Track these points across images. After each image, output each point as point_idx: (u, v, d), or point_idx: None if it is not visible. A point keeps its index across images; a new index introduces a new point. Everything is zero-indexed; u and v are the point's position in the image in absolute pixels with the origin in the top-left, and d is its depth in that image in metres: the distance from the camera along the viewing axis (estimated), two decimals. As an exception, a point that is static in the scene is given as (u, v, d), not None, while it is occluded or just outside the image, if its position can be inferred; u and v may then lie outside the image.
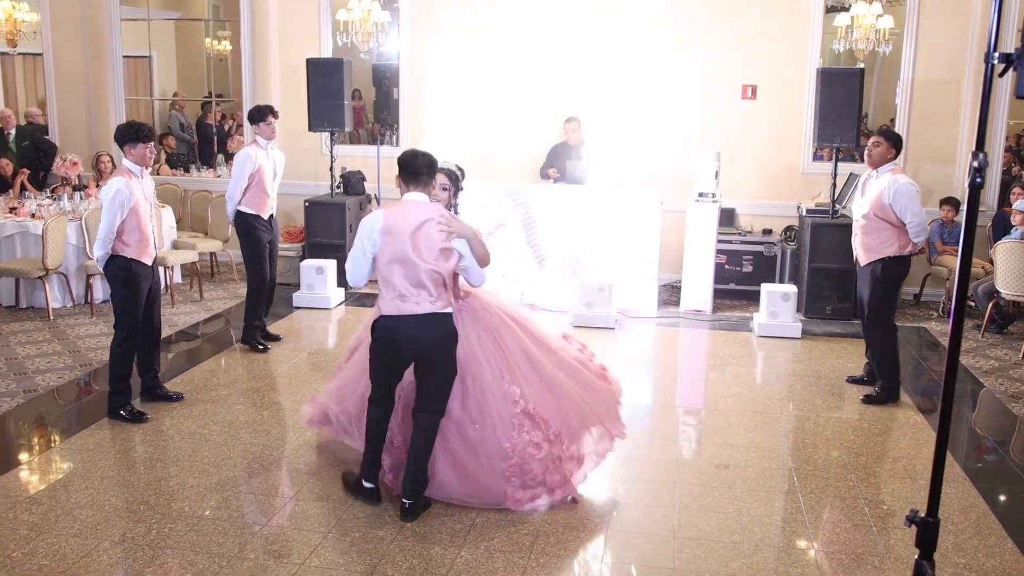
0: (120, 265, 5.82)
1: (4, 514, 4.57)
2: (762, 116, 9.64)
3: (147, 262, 5.92)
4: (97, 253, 5.84)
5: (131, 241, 5.79)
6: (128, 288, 5.85)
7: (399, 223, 4.50)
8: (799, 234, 9.28)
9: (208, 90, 13.52)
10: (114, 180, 5.75)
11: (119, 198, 5.68)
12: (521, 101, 9.96)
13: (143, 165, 5.89)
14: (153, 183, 6.25)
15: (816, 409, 6.37)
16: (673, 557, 4.27)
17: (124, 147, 5.85)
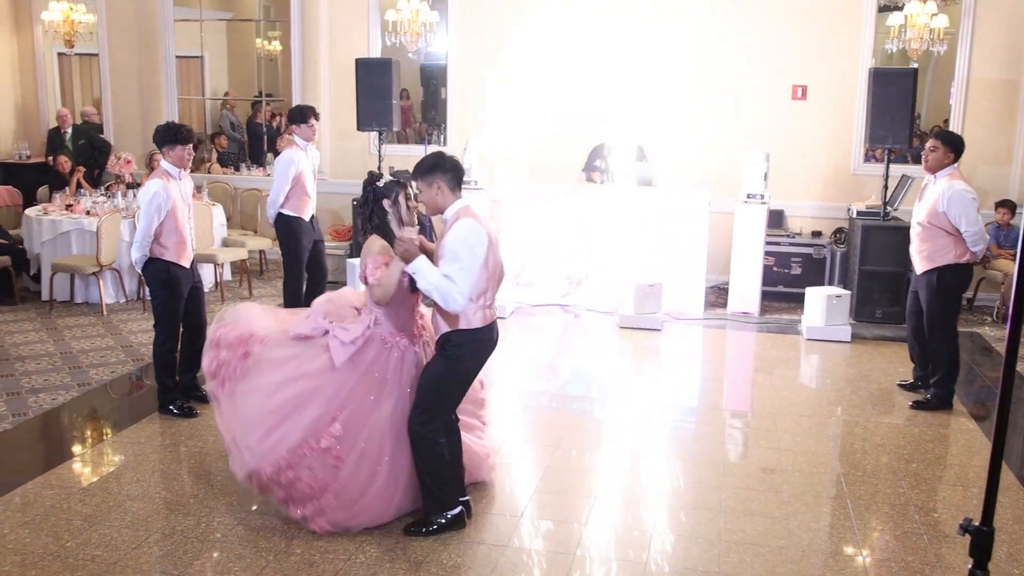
0: (159, 268, 5.84)
1: (59, 505, 4.67)
2: (812, 116, 9.53)
3: (185, 264, 5.93)
4: (135, 255, 5.87)
5: (169, 244, 5.81)
6: (167, 290, 5.89)
7: (491, 231, 4.28)
8: (849, 236, 9.16)
9: (258, 90, 13.68)
10: (151, 183, 5.77)
11: (156, 201, 5.70)
12: (568, 100, 9.94)
13: (181, 167, 5.89)
14: (192, 183, 6.27)
15: (865, 414, 6.28)
16: (719, 561, 4.24)
17: (163, 148, 5.86)
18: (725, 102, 9.60)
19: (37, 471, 5.09)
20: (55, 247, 8.86)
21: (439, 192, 4.21)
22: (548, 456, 5.43)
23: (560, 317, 8.79)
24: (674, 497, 4.96)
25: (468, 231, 4.11)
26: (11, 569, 4.03)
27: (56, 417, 6.02)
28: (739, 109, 9.58)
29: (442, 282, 4.05)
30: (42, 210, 9.24)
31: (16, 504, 4.67)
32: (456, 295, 4.05)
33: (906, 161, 9.47)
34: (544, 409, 6.43)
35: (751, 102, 9.58)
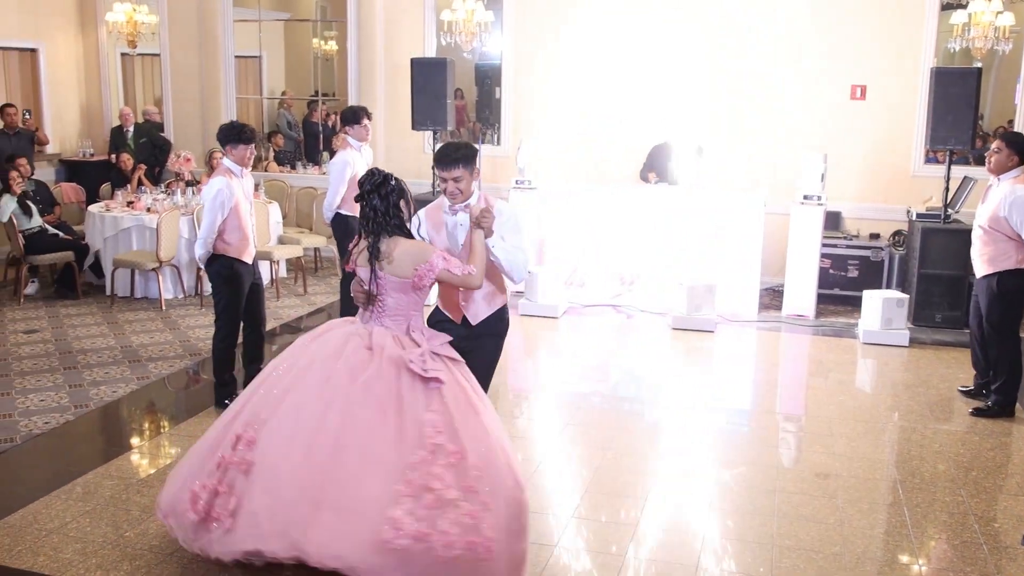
0: (222, 264, 5.93)
1: (118, 495, 4.77)
2: (871, 117, 9.37)
3: (248, 260, 6.02)
4: (198, 252, 5.96)
5: (232, 240, 5.89)
6: (230, 286, 5.98)
7: None
8: (908, 239, 8.99)
9: (315, 89, 13.83)
10: (215, 180, 5.87)
11: (220, 198, 5.78)
12: (624, 101, 9.90)
13: (243, 165, 5.97)
14: (252, 181, 6.37)
15: (923, 420, 6.17)
16: (771, 565, 4.19)
17: (226, 147, 5.96)
18: (782, 102, 9.47)
19: (98, 462, 5.21)
20: (117, 243, 9.06)
21: (476, 179, 4.29)
22: (599, 457, 5.41)
23: (612, 318, 8.76)
24: (726, 501, 4.91)
25: (517, 213, 4.40)
26: (72, 557, 4.13)
27: (116, 409, 6.15)
28: (797, 109, 9.45)
29: (518, 252, 4.25)
30: (104, 207, 9.45)
31: (78, 493, 4.78)
32: (526, 265, 4.33)
33: (968, 163, 9.27)
34: (595, 410, 6.41)
35: (809, 102, 9.44)
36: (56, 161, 11.66)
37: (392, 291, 3.95)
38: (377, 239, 3.94)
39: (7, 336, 7.66)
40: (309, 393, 3.81)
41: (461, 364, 3.99)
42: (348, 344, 3.94)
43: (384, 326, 3.98)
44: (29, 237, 8.82)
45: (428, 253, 3.94)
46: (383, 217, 3.93)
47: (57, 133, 11.66)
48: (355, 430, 3.68)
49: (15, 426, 5.70)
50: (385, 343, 3.89)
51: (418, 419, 3.69)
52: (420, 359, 3.80)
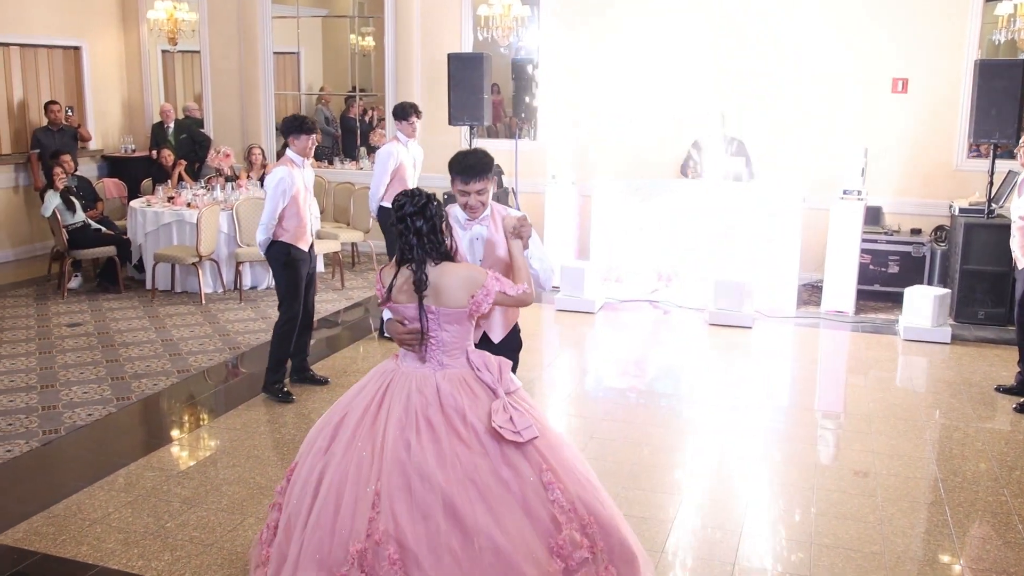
0: (280, 250, 6.12)
1: (159, 486, 4.84)
2: (913, 110, 9.23)
3: (304, 247, 6.22)
4: (260, 238, 6.15)
5: (290, 227, 6.08)
6: (288, 271, 6.16)
7: None
8: (950, 234, 8.86)
9: (352, 85, 13.90)
10: (278, 169, 6.06)
11: (282, 186, 5.97)
12: (662, 96, 9.84)
13: (305, 156, 6.16)
14: (313, 173, 6.54)
15: (966, 418, 6.08)
16: (810, 564, 4.16)
17: (288, 137, 6.14)
18: (822, 96, 9.36)
19: (139, 453, 5.29)
20: (157, 238, 9.17)
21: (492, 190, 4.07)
22: (635, 453, 5.40)
23: (649, 313, 8.72)
24: (763, 498, 4.88)
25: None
26: (115, 546, 4.20)
27: (157, 402, 6.24)
28: (837, 103, 9.34)
29: (547, 260, 4.16)
30: (145, 202, 9.57)
31: (120, 484, 4.85)
32: (553, 271, 4.22)
33: (1012, 157, 9.09)
34: (632, 406, 6.39)
35: (849, 96, 9.32)
36: (98, 157, 11.84)
37: (447, 324, 3.50)
38: (423, 268, 3.47)
39: (51, 329, 7.79)
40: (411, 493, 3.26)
41: (520, 389, 3.63)
42: (410, 417, 3.40)
43: (443, 365, 3.51)
44: (72, 232, 8.96)
45: (481, 276, 3.50)
46: (428, 243, 3.48)
47: (99, 129, 11.84)
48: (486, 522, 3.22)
49: (59, 417, 5.80)
50: (458, 401, 3.41)
51: (535, 485, 3.35)
52: (507, 420, 3.37)
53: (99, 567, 4.03)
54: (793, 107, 9.40)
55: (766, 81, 9.47)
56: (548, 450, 3.43)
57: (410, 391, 3.46)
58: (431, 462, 3.27)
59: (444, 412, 3.39)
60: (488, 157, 3.96)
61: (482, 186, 3.92)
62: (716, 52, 9.58)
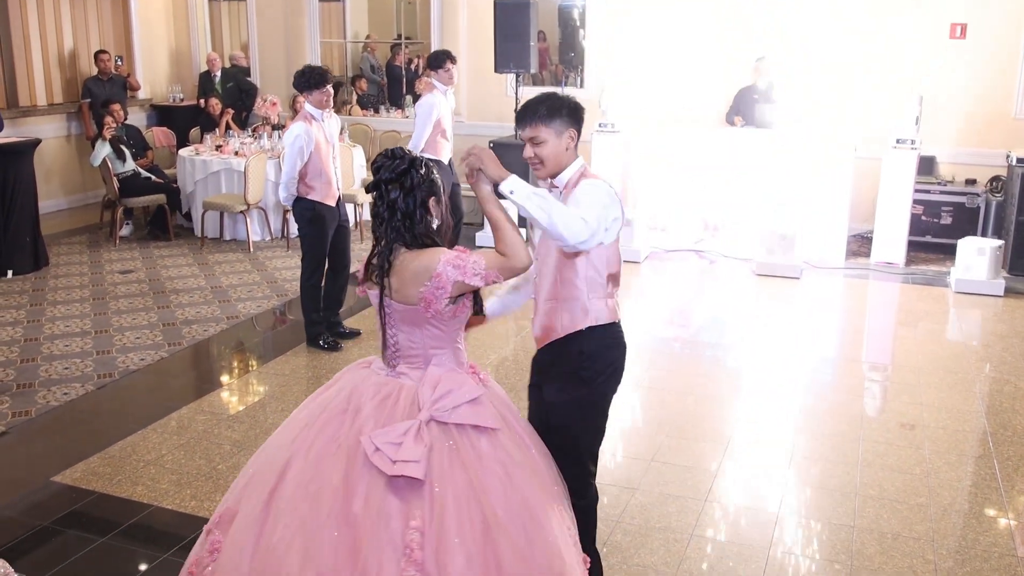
0: (305, 207, 6.05)
1: (210, 430, 4.95)
2: (971, 57, 8.96)
3: (331, 203, 6.12)
4: (282, 195, 6.13)
5: (315, 184, 6.00)
6: (314, 228, 6.10)
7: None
8: (1007, 185, 8.64)
9: (397, 33, 13.82)
10: (294, 126, 5.96)
11: (298, 143, 5.88)
12: (709, 42, 9.65)
13: (322, 108, 6.04)
14: (339, 123, 6.45)
15: (1018, 372, 5.98)
16: (854, 515, 4.15)
17: (303, 93, 6.09)
18: (877, 42, 9.12)
19: (190, 398, 5.41)
20: (206, 186, 9.27)
21: (569, 146, 3.07)
22: (679, 402, 5.40)
23: (695, 263, 8.66)
24: (808, 449, 4.86)
25: (600, 190, 3.00)
26: (168, 487, 4.31)
27: (207, 348, 6.35)
28: (892, 50, 9.09)
29: (556, 205, 2.80)
30: (194, 151, 9.65)
31: (172, 428, 4.97)
32: (577, 219, 2.80)
33: (1075, 104, 8.83)
34: (676, 355, 6.38)
35: (905, 42, 9.07)
36: (147, 106, 11.94)
37: (402, 324, 2.82)
38: (389, 250, 2.79)
39: (104, 276, 7.94)
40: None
41: (494, 434, 2.75)
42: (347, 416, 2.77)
43: (400, 375, 2.83)
44: (123, 181, 9.07)
45: (433, 262, 2.71)
46: (401, 220, 2.77)
47: (148, 79, 11.92)
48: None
49: (113, 362, 5.93)
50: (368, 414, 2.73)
51: (392, 537, 2.54)
52: (389, 444, 2.62)
53: (154, 506, 4.15)
54: (846, 55, 9.17)
55: (818, 27, 9.25)
56: (440, 506, 2.56)
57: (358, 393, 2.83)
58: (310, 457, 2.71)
59: (354, 424, 2.72)
60: (552, 101, 3.01)
61: (534, 133, 3.01)
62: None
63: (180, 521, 4.03)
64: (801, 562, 3.80)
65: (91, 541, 3.87)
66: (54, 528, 3.97)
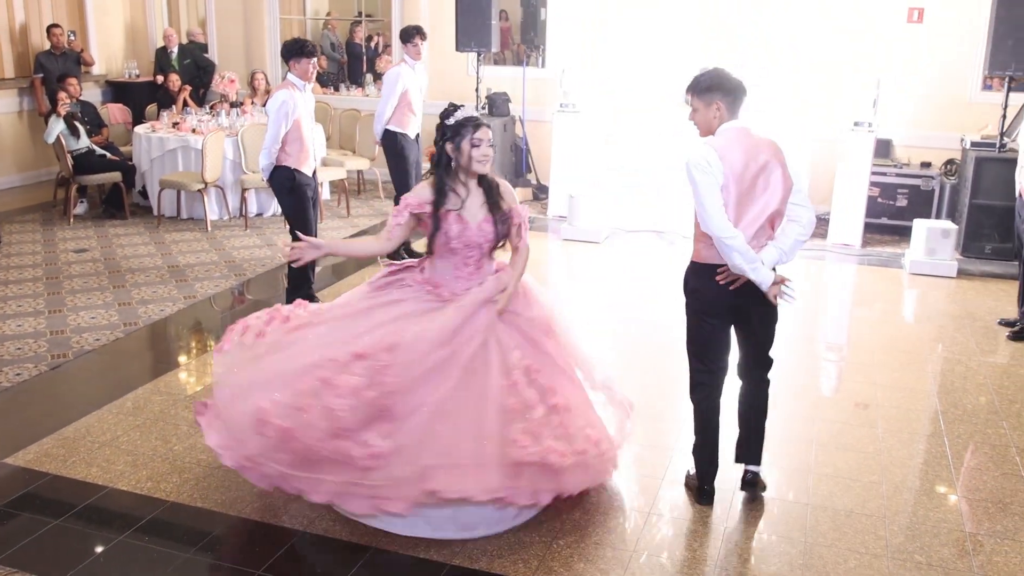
0: (284, 175, 6.15)
1: (167, 410, 4.90)
2: (928, 41, 9.06)
3: (307, 172, 6.25)
4: (263, 162, 6.17)
5: (293, 151, 6.11)
6: (294, 195, 6.21)
7: (745, 155, 3.83)
8: (960, 168, 8.78)
9: (358, 10, 13.68)
10: (280, 92, 6.06)
11: (284, 109, 5.98)
12: (668, 24, 9.66)
13: (306, 80, 6.18)
14: (314, 99, 6.50)
15: (968, 352, 6.10)
16: (809, 492, 4.21)
17: (289, 61, 6.16)
18: (834, 26, 9.19)
19: (147, 378, 5.35)
20: (163, 164, 9.14)
21: (716, 114, 3.82)
22: (639, 382, 5.43)
23: (654, 243, 8.70)
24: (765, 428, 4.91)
25: (688, 161, 3.76)
26: (124, 468, 4.27)
27: (164, 327, 6.28)
28: (849, 33, 9.16)
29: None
30: (150, 128, 9.51)
31: (128, 408, 4.92)
32: (704, 215, 3.76)
33: (1027, 89, 8.97)
34: (636, 336, 6.42)
35: (863, 25, 9.15)
36: (102, 82, 11.72)
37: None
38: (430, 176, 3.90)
39: (58, 255, 7.81)
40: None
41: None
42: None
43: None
44: (77, 158, 8.92)
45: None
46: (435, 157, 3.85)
47: (102, 54, 11.69)
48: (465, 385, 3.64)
49: (68, 342, 5.85)
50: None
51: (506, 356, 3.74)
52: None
53: (109, 488, 4.11)
54: (804, 38, 9.22)
55: (778, 10, 9.30)
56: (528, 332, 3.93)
57: None
58: None
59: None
60: (703, 77, 3.87)
61: (693, 103, 3.90)
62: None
63: (135, 502, 4.00)
64: (756, 539, 3.86)
65: (45, 523, 3.82)
66: (7, 511, 3.92)
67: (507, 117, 10.00)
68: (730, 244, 3.69)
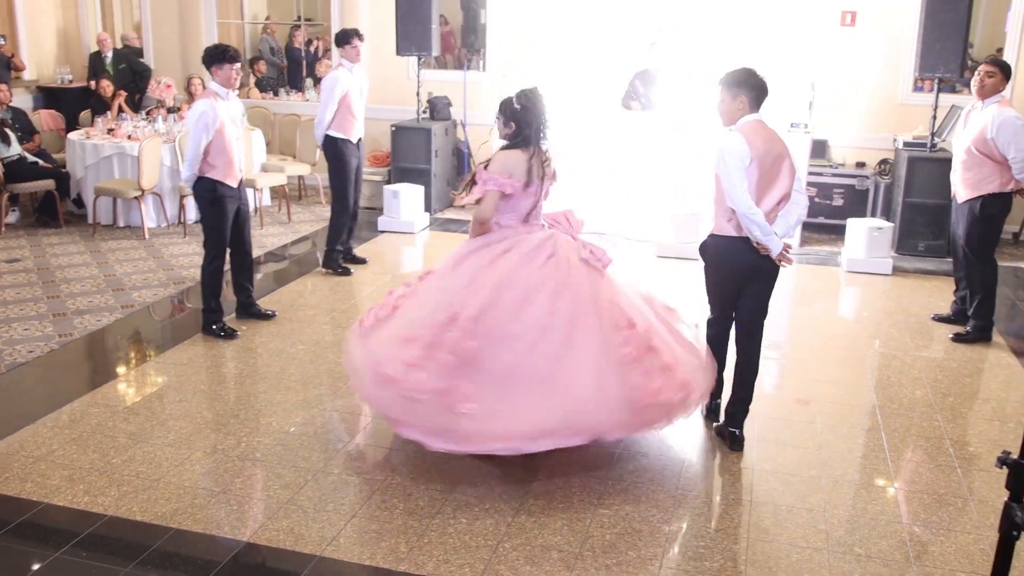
0: (206, 187, 5.94)
1: (104, 422, 4.80)
2: (861, 44, 9.25)
3: (232, 184, 6.01)
4: (184, 174, 6.00)
5: (217, 163, 5.89)
6: (215, 208, 5.99)
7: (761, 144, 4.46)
8: (894, 168, 8.98)
9: (297, 14, 13.56)
10: (199, 102, 5.87)
11: (204, 120, 5.78)
12: (608, 27, 9.74)
13: (229, 87, 5.97)
14: (241, 105, 6.34)
15: (904, 347, 6.24)
16: (750, 489, 4.27)
17: (211, 68, 5.96)
18: (770, 29, 9.34)
19: (83, 390, 5.24)
20: (98, 171, 8.95)
21: (740, 106, 4.44)
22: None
23: (597, 246, 8.74)
24: (705, 426, 4.97)
25: (721, 146, 4.44)
26: (60, 483, 4.17)
27: (101, 338, 6.15)
28: (784, 36, 9.32)
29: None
30: (84, 134, 9.31)
31: (64, 421, 4.81)
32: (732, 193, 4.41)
33: (954, 91, 9.21)
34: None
35: (797, 28, 9.31)
36: (34, 88, 11.44)
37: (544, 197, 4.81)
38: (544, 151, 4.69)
39: (-11, 265, 7.62)
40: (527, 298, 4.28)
41: None
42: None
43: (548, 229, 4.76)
44: (8, 165, 8.70)
45: None
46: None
47: (33, 59, 11.42)
48: (576, 331, 4.23)
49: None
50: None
51: (612, 304, 4.48)
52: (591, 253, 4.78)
53: (44, 504, 4.01)
54: (741, 40, 9.36)
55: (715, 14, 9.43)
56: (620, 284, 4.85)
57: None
58: None
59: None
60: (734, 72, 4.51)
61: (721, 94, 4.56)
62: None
63: (72, 518, 3.91)
64: (699, 536, 3.90)
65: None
66: (-63, 529, 3.81)
67: (448, 121, 9.98)
68: (752, 219, 4.38)
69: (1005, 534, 2.32)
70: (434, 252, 8.54)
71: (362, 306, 6.89)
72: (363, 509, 4.02)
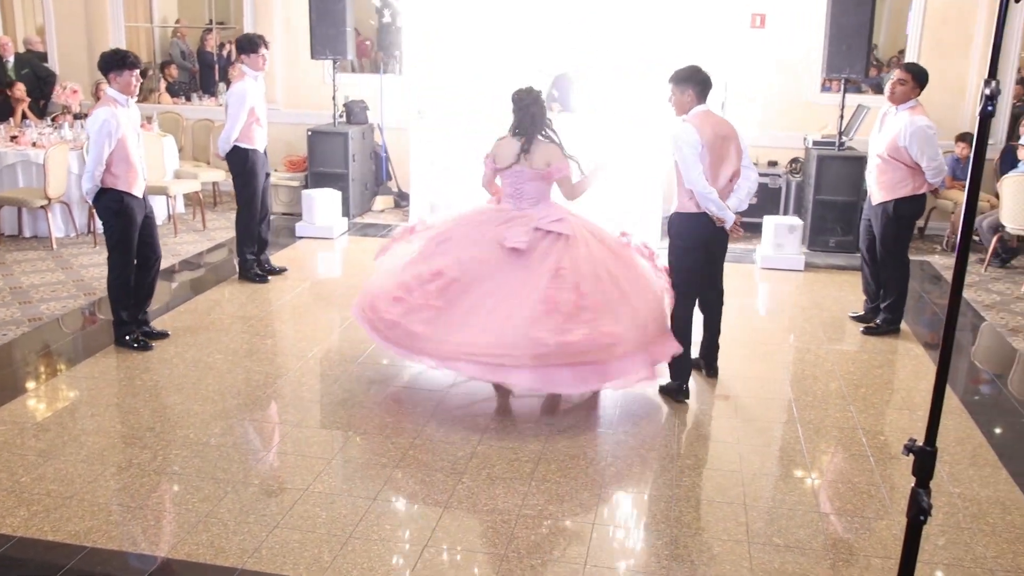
0: (111, 198, 5.71)
1: (12, 440, 4.63)
2: (770, 45, 9.49)
3: (138, 194, 5.81)
4: (86, 186, 5.72)
5: (120, 172, 5.67)
6: (120, 220, 5.77)
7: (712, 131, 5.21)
8: (804, 166, 9.21)
9: (209, 17, 13.31)
10: (99, 111, 5.62)
11: (106, 128, 5.55)
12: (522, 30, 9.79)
13: (128, 94, 5.72)
14: (139, 112, 6.10)
15: (817, 341, 6.40)
16: (672, 484, 4.33)
17: (108, 75, 5.68)
18: (681, 31, 9.51)
19: (-11, 406, 5.05)
20: (1, 180, 8.65)
21: (689, 99, 5.23)
22: (505, 385, 5.46)
23: (518, 248, 8.76)
24: (627, 423, 5.03)
25: (675, 137, 5.16)
26: (-35, 504, 4.01)
27: (7, 353, 5.94)
28: (696, 38, 9.49)
29: None
30: (-14, 142, 8.99)
31: (-32, 440, 4.63)
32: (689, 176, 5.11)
33: (860, 91, 9.50)
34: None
35: (708, 31, 9.50)
36: (-70, 94, 11.02)
37: (529, 181, 5.25)
38: (531, 139, 5.24)
39: None
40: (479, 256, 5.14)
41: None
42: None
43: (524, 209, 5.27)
44: (-96, 175, 8.35)
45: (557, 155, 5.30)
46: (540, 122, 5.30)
47: (-70, 64, 10.99)
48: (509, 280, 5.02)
49: (-102, 372, 5.47)
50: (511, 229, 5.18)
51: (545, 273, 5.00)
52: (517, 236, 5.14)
53: (-51, 525, 3.85)
54: (651, 43, 9.51)
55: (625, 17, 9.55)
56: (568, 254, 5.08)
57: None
58: None
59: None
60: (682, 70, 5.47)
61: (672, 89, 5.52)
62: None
63: (-20, 539, 3.76)
64: (623, 534, 3.94)
65: None
66: None
67: (365, 125, 9.91)
68: (708, 197, 5.04)
69: (913, 519, 2.40)
70: (353, 257, 8.47)
71: (279, 314, 6.80)
72: (285, 519, 3.95)
